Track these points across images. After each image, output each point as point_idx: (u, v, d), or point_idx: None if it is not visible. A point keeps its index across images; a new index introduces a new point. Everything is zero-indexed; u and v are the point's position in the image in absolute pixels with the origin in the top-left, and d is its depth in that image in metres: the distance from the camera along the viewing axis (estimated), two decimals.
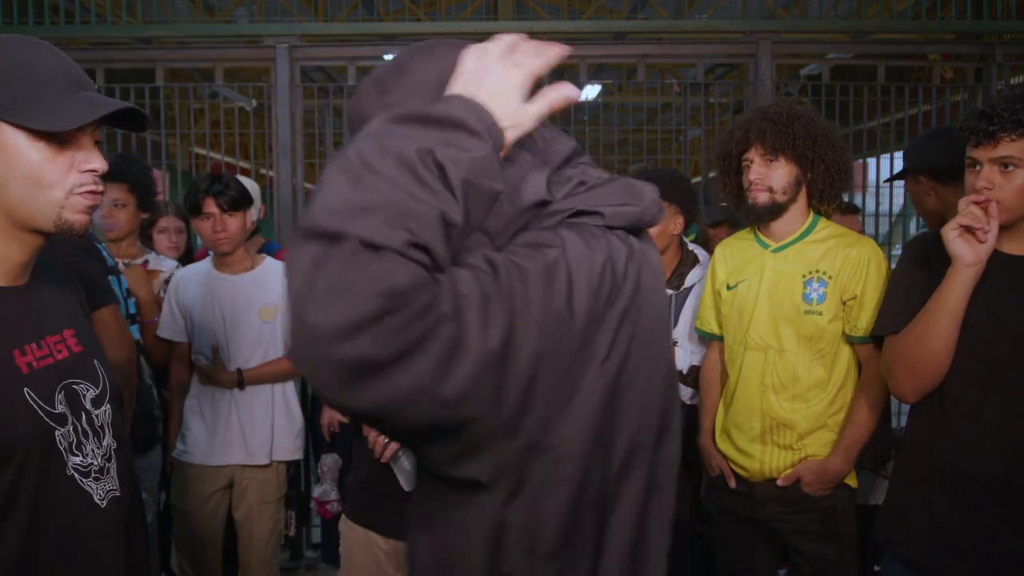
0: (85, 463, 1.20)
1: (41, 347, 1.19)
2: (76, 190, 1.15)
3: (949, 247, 1.67)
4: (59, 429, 1.17)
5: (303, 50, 4.19)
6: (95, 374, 1.27)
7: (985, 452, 1.67)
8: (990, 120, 1.65)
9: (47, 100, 1.11)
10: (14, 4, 4.18)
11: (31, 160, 1.12)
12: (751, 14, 6.26)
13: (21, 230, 1.16)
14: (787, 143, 2.02)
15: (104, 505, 1.22)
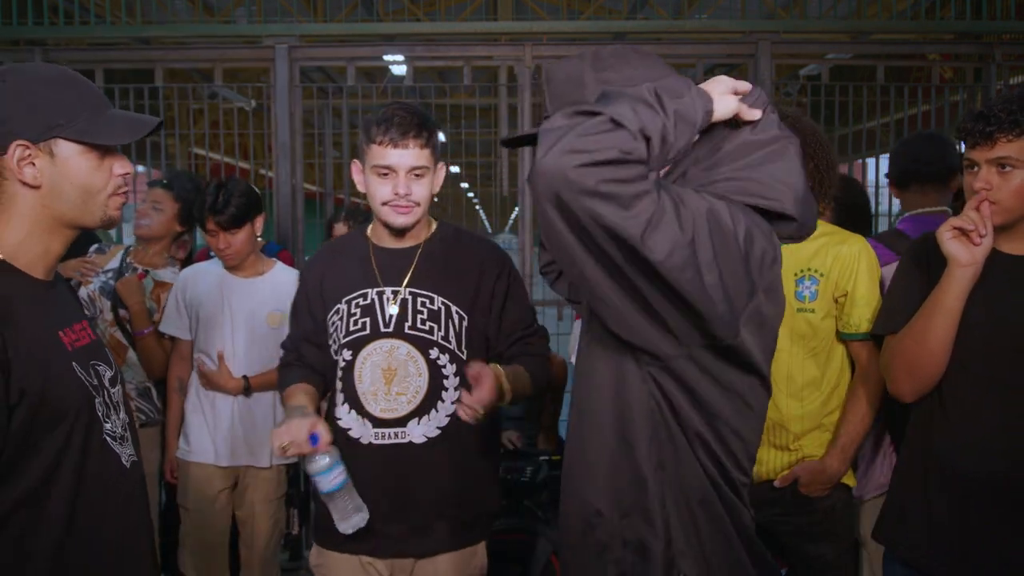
0: (113, 429, 1.39)
1: (73, 332, 1.37)
2: (116, 191, 1.37)
3: (944, 248, 1.67)
4: (97, 398, 1.35)
5: (302, 50, 4.19)
6: (108, 359, 1.46)
7: (985, 452, 1.67)
8: (987, 121, 1.65)
9: (91, 118, 1.32)
10: (14, 4, 4.19)
11: (82, 169, 1.32)
12: (751, 14, 6.27)
13: (65, 227, 1.35)
14: None
15: (128, 467, 1.40)
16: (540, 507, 3.12)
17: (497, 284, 2.02)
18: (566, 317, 4.29)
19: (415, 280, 1.97)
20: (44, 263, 1.36)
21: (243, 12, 6.99)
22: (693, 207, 1.12)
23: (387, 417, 1.94)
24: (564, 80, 1.27)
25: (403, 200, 1.92)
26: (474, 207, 21.01)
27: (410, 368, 1.94)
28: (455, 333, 1.97)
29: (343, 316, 1.98)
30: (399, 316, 1.95)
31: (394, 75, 5.30)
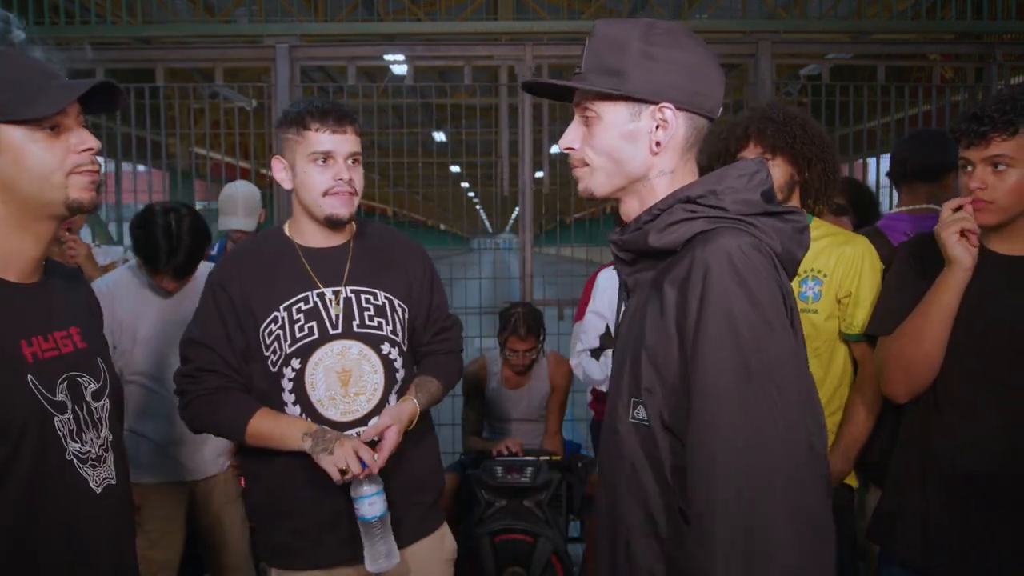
0: (83, 450, 1.29)
1: (48, 340, 1.28)
2: (76, 169, 1.25)
3: (950, 251, 1.67)
4: (58, 416, 1.25)
5: (303, 50, 4.19)
6: (97, 370, 1.36)
7: (982, 451, 1.67)
8: (980, 121, 1.65)
9: (30, 94, 1.22)
10: (14, 4, 4.18)
11: (32, 152, 1.22)
12: (751, 14, 6.27)
13: (34, 220, 1.26)
14: (786, 143, 2.03)
15: (99, 492, 1.30)
16: (540, 507, 3.12)
17: (424, 275, 2.02)
18: (567, 317, 4.29)
19: (354, 278, 1.92)
20: (18, 264, 1.27)
21: (244, 12, 6.98)
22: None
23: (348, 420, 1.87)
24: (606, 39, 1.21)
25: (346, 186, 1.87)
26: (474, 207, 21.03)
27: (364, 367, 1.89)
28: (400, 326, 1.94)
29: (284, 324, 1.86)
30: (345, 315, 1.88)
31: (395, 75, 5.30)
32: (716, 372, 1.09)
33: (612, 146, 1.22)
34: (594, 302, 2.74)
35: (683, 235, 1.18)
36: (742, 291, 1.10)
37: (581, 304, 3.25)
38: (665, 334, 1.16)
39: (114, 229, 4.85)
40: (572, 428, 4.31)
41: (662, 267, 1.20)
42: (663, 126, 1.20)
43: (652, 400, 1.17)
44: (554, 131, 4.76)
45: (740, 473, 1.07)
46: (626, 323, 1.28)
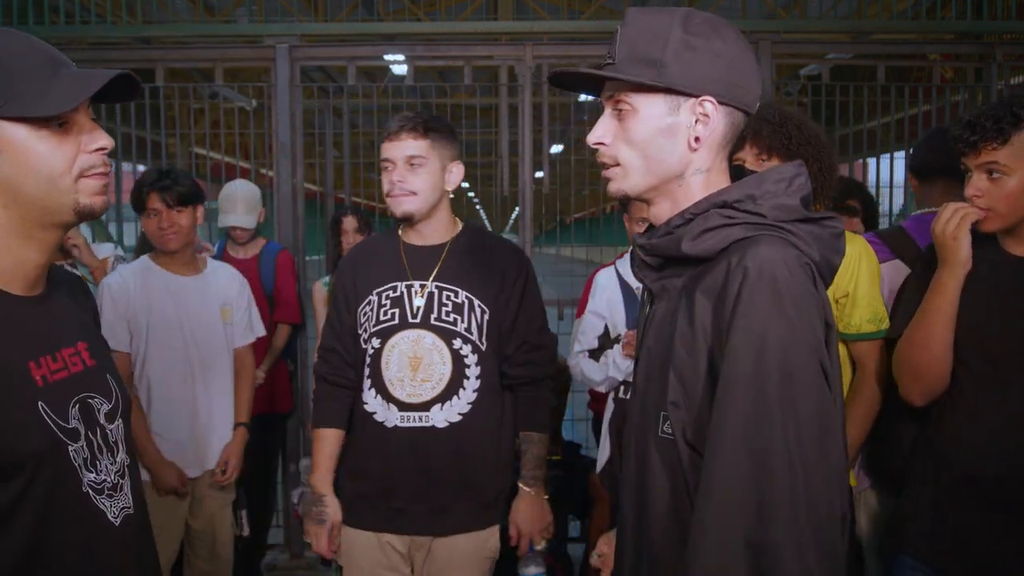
0: (99, 480, 1.17)
1: (56, 360, 1.15)
2: (86, 172, 1.12)
3: (965, 251, 1.66)
4: (72, 445, 1.14)
5: (303, 50, 4.19)
6: (108, 388, 1.24)
7: (993, 452, 1.67)
8: (972, 129, 1.66)
9: (35, 87, 1.07)
10: (14, 4, 4.19)
11: (38, 152, 1.08)
12: (751, 14, 6.27)
13: (40, 228, 1.13)
14: (782, 143, 2.02)
15: (118, 523, 1.20)
16: None
17: (516, 283, 2.15)
18: (567, 317, 4.29)
19: (442, 275, 2.11)
20: (22, 276, 1.14)
21: (244, 12, 6.99)
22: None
23: (412, 402, 2.06)
24: (644, 27, 1.14)
25: (397, 187, 2.05)
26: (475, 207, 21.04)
27: (435, 357, 2.07)
28: (477, 325, 2.10)
29: (374, 307, 2.11)
30: (425, 308, 2.08)
31: (395, 75, 5.30)
32: (736, 389, 1.04)
33: (648, 141, 1.15)
34: (592, 302, 2.74)
35: (719, 243, 1.11)
36: (775, 308, 1.04)
37: (582, 303, 3.25)
38: (693, 347, 1.10)
39: (114, 229, 4.85)
40: (572, 428, 4.31)
41: (693, 274, 1.14)
42: (703, 120, 1.14)
43: (677, 414, 1.11)
44: (554, 131, 4.75)
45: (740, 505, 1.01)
46: (653, 331, 1.21)
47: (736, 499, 1.01)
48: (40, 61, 1.10)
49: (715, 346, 1.08)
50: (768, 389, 1.02)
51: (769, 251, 1.07)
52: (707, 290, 1.10)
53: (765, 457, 1.01)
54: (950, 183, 2.31)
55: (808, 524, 0.99)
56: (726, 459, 1.03)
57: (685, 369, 1.11)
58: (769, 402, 1.02)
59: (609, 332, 2.67)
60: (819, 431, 1.03)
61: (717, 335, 1.08)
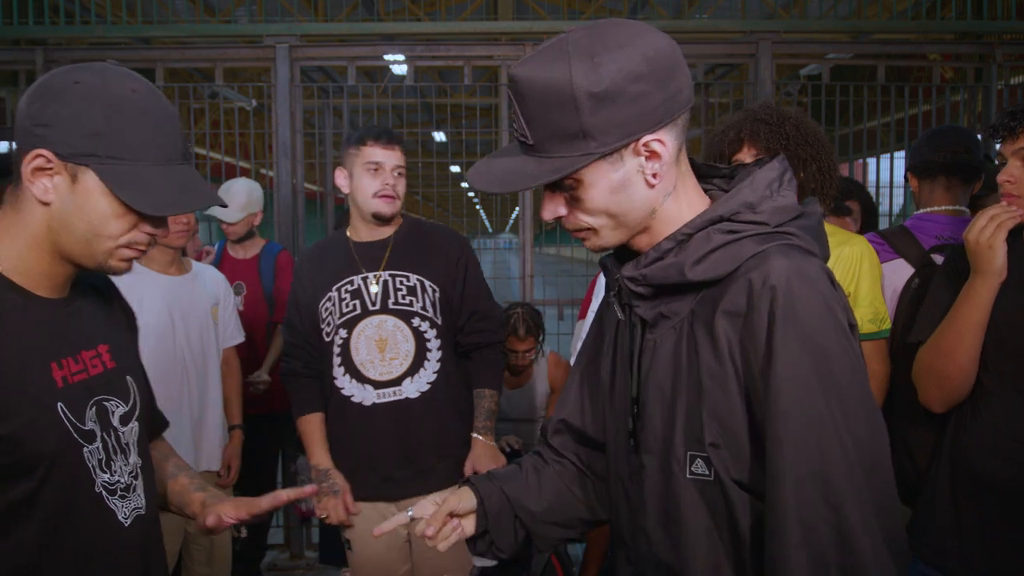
0: (112, 480, 1.21)
1: (77, 362, 1.19)
2: (130, 244, 1.17)
3: (1000, 260, 1.62)
4: (87, 446, 1.17)
5: (303, 50, 4.19)
6: (126, 391, 1.27)
7: (1014, 456, 1.64)
8: (1012, 116, 1.65)
9: (138, 169, 1.12)
10: (14, 4, 4.18)
11: (100, 210, 1.13)
12: (751, 14, 6.27)
13: (71, 257, 1.18)
14: (780, 143, 2.01)
15: (128, 524, 1.23)
16: None
17: (459, 262, 2.42)
18: (567, 317, 4.29)
19: (391, 263, 2.36)
20: (49, 281, 1.19)
21: (243, 12, 6.99)
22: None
23: (385, 379, 2.32)
24: (545, 98, 1.01)
25: (390, 190, 2.32)
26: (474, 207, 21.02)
27: (398, 336, 2.33)
28: (431, 303, 2.36)
29: (335, 301, 2.35)
30: (382, 295, 2.33)
31: (394, 75, 5.29)
32: (792, 423, 0.97)
33: (607, 204, 1.06)
34: (596, 302, 2.74)
35: (731, 262, 1.03)
36: (815, 331, 0.98)
37: (584, 303, 3.24)
38: (725, 381, 1.02)
39: None
40: None
41: (702, 296, 1.06)
42: (653, 157, 1.04)
43: (719, 455, 1.03)
44: None
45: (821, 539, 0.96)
46: (661, 364, 1.11)
47: (821, 535, 0.96)
48: (162, 141, 1.14)
49: (750, 376, 1.01)
50: (827, 416, 0.97)
51: (789, 264, 1.00)
52: (731, 314, 1.02)
53: (838, 487, 0.96)
54: (951, 182, 2.31)
55: (882, 532, 0.97)
56: (800, 500, 0.96)
57: (719, 407, 1.03)
58: (829, 429, 0.97)
59: None
60: (875, 443, 1.00)
61: (751, 364, 1.01)
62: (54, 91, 1.11)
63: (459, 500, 1.34)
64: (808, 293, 0.99)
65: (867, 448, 0.98)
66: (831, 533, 0.96)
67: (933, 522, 1.77)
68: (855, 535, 0.95)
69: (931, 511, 1.78)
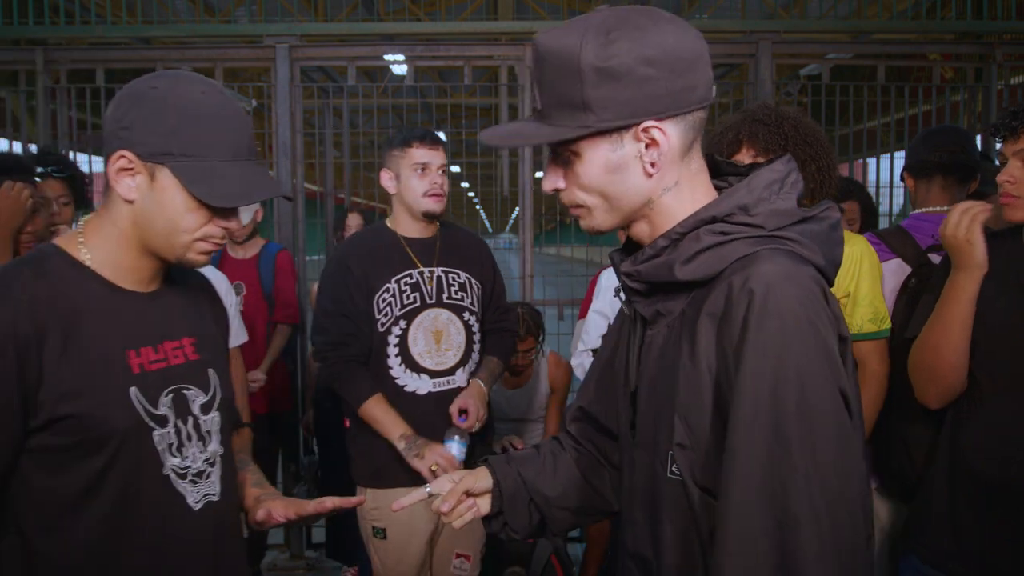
0: (183, 465, 1.28)
1: (157, 351, 1.27)
2: (206, 238, 1.26)
3: (980, 253, 1.63)
4: (158, 430, 1.25)
5: (303, 50, 4.19)
6: (206, 382, 1.34)
7: (1011, 456, 1.64)
8: (1014, 116, 1.66)
9: (211, 165, 1.21)
10: (14, 4, 4.18)
11: (175, 205, 1.22)
12: (751, 14, 6.27)
13: (153, 250, 1.27)
14: (779, 144, 2.01)
15: (198, 508, 1.29)
16: None
17: (488, 263, 2.62)
18: (567, 317, 4.29)
19: (442, 261, 2.49)
20: (136, 276, 1.28)
21: (243, 12, 6.99)
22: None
23: (440, 369, 2.45)
24: (555, 63, 1.03)
25: (439, 189, 2.42)
26: (474, 207, 21.01)
27: (451, 329, 2.48)
28: (476, 299, 2.54)
29: (395, 293, 2.43)
30: (437, 289, 2.46)
31: (394, 75, 5.29)
32: (750, 431, 0.94)
33: (601, 182, 1.05)
34: (596, 301, 2.75)
35: (717, 263, 1.02)
36: (787, 338, 0.94)
37: (584, 303, 3.25)
38: (697, 383, 1.01)
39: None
40: None
41: (692, 297, 1.05)
42: (652, 145, 1.03)
43: (684, 455, 1.03)
44: None
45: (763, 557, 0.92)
46: (655, 361, 1.11)
47: (758, 551, 0.92)
48: (231, 140, 1.23)
49: (721, 380, 0.99)
50: (785, 431, 0.93)
51: (774, 269, 0.97)
52: (710, 315, 1.00)
53: (786, 505, 0.92)
54: (947, 181, 2.32)
55: (836, 567, 0.91)
56: (743, 511, 0.93)
57: (691, 409, 1.02)
58: (786, 445, 0.92)
59: None
60: (839, 469, 0.94)
61: (723, 367, 0.98)
62: (134, 96, 1.21)
63: (475, 479, 1.36)
64: (787, 302, 0.95)
65: (830, 476, 0.93)
66: (771, 554, 0.92)
67: (930, 521, 1.77)
68: (803, 562, 0.90)
69: (928, 510, 1.79)
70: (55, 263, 1.23)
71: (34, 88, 4.20)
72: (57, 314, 1.18)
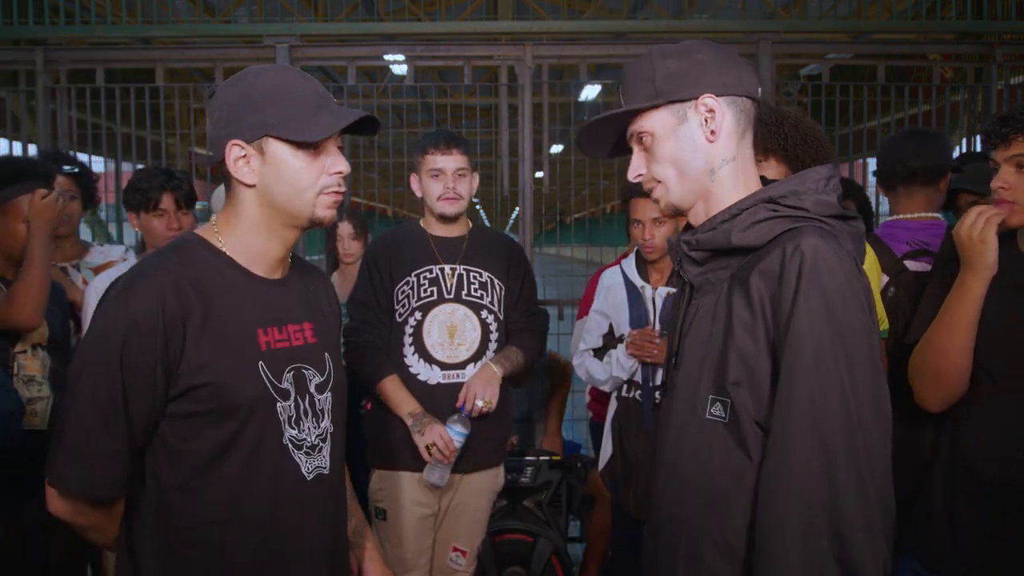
0: (299, 437, 1.40)
1: (282, 332, 1.40)
2: (325, 190, 1.36)
3: (992, 254, 1.63)
4: (280, 402, 1.37)
5: (303, 50, 4.19)
6: (322, 364, 1.46)
7: (1011, 456, 1.64)
8: (1005, 123, 1.66)
9: (302, 116, 1.33)
10: (14, 4, 4.18)
11: (293, 167, 1.34)
12: (751, 14, 6.26)
13: (282, 227, 1.39)
14: (778, 144, 2.01)
15: (310, 478, 1.40)
16: (540, 507, 3.12)
17: (519, 266, 2.67)
18: (567, 317, 4.29)
19: (466, 259, 2.57)
20: (265, 262, 1.40)
21: (243, 12, 6.98)
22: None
23: (451, 362, 2.52)
24: (633, 78, 1.31)
25: (452, 192, 2.51)
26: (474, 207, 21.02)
27: (467, 325, 2.55)
28: (497, 299, 2.59)
29: (414, 286, 2.53)
30: (457, 286, 2.54)
31: (395, 75, 5.29)
32: (809, 349, 1.13)
33: (673, 152, 1.28)
34: (597, 301, 2.74)
35: (769, 232, 1.22)
36: (834, 292, 1.14)
37: (583, 303, 3.24)
38: (754, 328, 1.19)
39: (114, 229, 4.85)
40: (572, 428, 4.31)
41: (742, 263, 1.24)
42: (709, 116, 1.26)
43: (739, 393, 1.20)
44: (554, 131, 4.75)
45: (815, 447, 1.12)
46: (696, 321, 1.29)
47: (812, 461, 1.11)
48: (310, 95, 1.35)
49: (775, 325, 1.17)
50: (832, 364, 1.12)
51: (820, 241, 1.16)
52: (765, 274, 1.19)
53: (830, 432, 1.12)
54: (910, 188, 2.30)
55: (872, 490, 1.12)
56: (797, 429, 1.13)
57: (747, 351, 1.19)
58: (834, 378, 1.12)
59: (613, 331, 2.67)
60: (874, 391, 1.15)
61: (777, 315, 1.17)
62: (218, 99, 1.36)
63: None
64: (833, 266, 1.15)
65: (867, 411, 1.14)
66: (821, 480, 1.11)
67: (929, 523, 1.77)
68: (843, 493, 1.10)
69: (927, 512, 1.78)
70: (197, 250, 1.37)
71: (34, 88, 4.20)
72: (199, 295, 1.31)
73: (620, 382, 2.59)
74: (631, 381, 2.58)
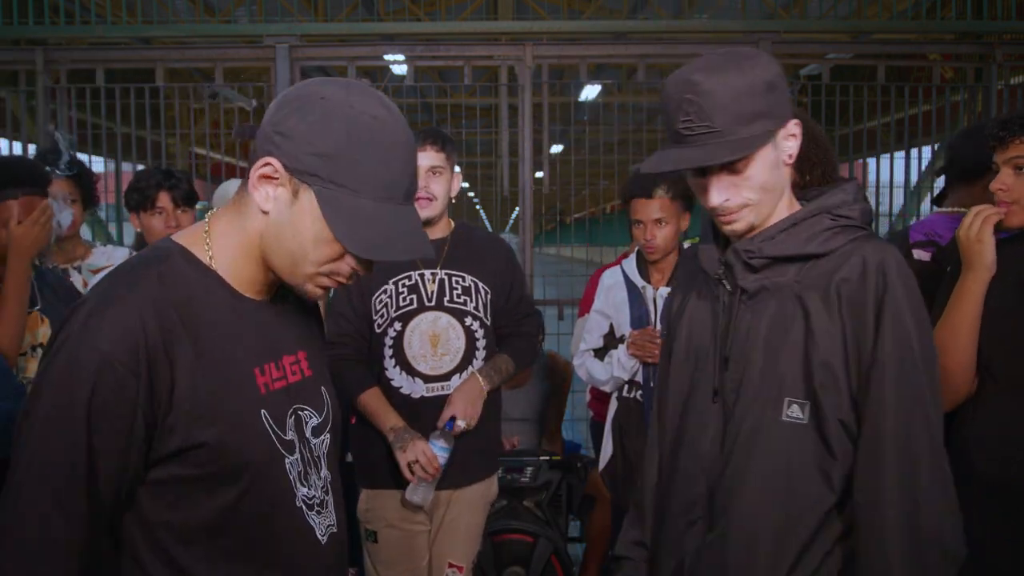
0: (310, 495, 1.16)
1: (278, 368, 1.15)
2: (329, 273, 1.12)
3: (990, 254, 1.65)
4: (288, 457, 1.12)
5: (303, 50, 4.19)
6: (321, 402, 1.22)
7: (1011, 455, 1.65)
8: (1002, 126, 1.69)
9: (360, 203, 1.05)
10: (14, 4, 4.18)
11: (311, 233, 1.07)
12: (751, 14, 6.26)
13: (272, 267, 1.14)
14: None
15: (324, 541, 1.17)
16: (540, 507, 3.12)
17: (507, 268, 2.48)
18: (567, 317, 4.29)
19: (447, 263, 2.39)
20: (254, 287, 1.15)
21: (243, 12, 6.98)
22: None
23: (435, 374, 2.35)
24: (733, 90, 1.22)
25: (423, 192, 2.29)
26: (474, 207, 21.02)
27: (451, 333, 2.37)
28: (483, 304, 2.41)
29: (392, 295, 2.36)
30: (438, 292, 2.37)
31: (394, 75, 5.29)
32: (901, 349, 1.22)
33: (767, 179, 1.27)
34: (598, 301, 2.74)
35: (834, 241, 1.29)
36: (916, 301, 1.25)
37: (583, 302, 3.24)
38: (836, 331, 1.25)
39: (114, 230, 4.85)
40: (572, 428, 4.31)
41: (805, 268, 1.30)
42: (792, 140, 1.29)
43: (828, 397, 1.25)
44: (554, 131, 4.75)
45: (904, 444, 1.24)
46: (754, 326, 1.31)
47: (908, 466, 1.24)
48: (383, 179, 1.07)
49: (862, 327, 1.25)
50: (920, 368, 1.24)
51: (892, 249, 1.27)
52: (846, 280, 1.26)
53: (922, 410, 1.25)
54: (949, 185, 2.28)
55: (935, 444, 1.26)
56: (892, 428, 1.23)
57: (831, 355, 1.25)
58: (922, 382, 1.24)
59: (614, 331, 2.67)
60: (935, 400, 1.28)
61: (857, 321, 1.25)
62: (299, 102, 1.07)
63: None
64: (908, 274, 1.27)
65: (939, 412, 1.28)
66: (925, 451, 1.25)
67: None
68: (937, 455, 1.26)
69: None
70: (178, 264, 1.10)
71: (34, 88, 4.20)
72: (187, 324, 1.04)
73: (621, 382, 2.59)
74: (632, 381, 2.58)
